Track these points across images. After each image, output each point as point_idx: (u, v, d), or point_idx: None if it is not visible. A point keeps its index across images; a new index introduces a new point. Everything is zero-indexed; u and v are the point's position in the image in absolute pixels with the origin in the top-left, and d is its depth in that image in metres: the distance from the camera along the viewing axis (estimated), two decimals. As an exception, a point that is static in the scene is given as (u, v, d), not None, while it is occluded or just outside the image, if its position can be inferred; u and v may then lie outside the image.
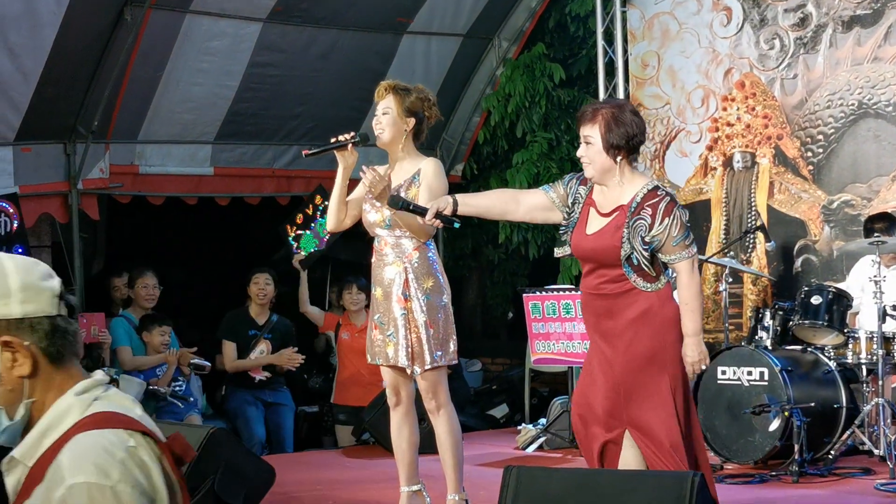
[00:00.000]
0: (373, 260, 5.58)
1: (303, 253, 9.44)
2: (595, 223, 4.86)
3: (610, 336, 4.83)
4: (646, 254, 4.74)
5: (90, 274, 9.89)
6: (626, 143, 4.80)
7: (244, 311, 9.05)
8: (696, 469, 4.70)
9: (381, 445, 7.99)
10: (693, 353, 4.80)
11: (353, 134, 5.47)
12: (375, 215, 5.39)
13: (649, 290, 4.78)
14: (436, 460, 5.60)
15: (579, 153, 4.90)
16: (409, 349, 5.41)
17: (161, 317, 8.65)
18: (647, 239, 4.73)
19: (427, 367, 5.41)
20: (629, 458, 4.80)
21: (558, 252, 5.05)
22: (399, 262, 5.44)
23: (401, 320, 5.41)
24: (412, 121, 5.49)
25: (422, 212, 4.97)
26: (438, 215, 4.87)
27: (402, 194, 5.39)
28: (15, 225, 8.67)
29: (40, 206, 9.26)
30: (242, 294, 9.11)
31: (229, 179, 10.40)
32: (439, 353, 5.43)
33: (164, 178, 10.01)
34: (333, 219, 5.59)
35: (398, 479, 5.67)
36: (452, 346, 5.51)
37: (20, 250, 8.64)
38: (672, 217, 4.73)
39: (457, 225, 5.00)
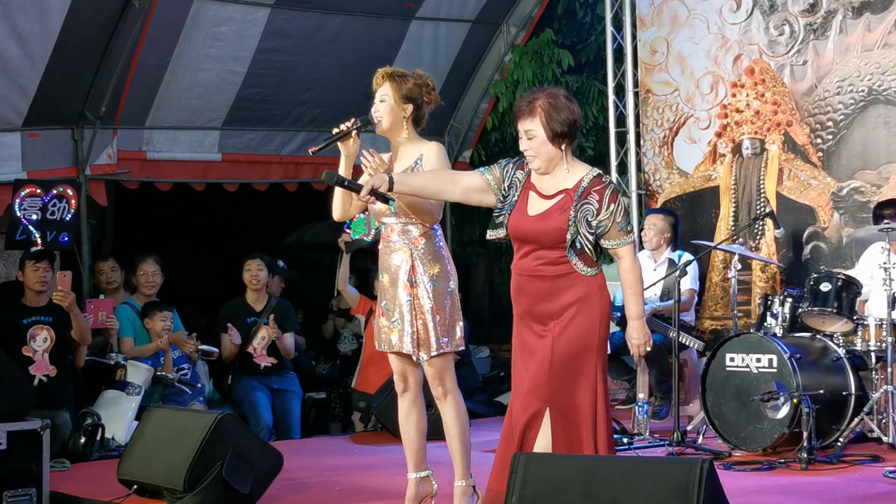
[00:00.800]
0: (380, 247, 5.57)
1: (351, 235, 9.33)
2: (537, 205, 4.93)
3: (545, 317, 4.91)
4: (590, 238, 4.85)
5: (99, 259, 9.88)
6: (570, 130, 4.89)
7: (241, 300, 9.01)
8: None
9: (389, 432, 7.99)
10: (639, 335, 4.98)
11: (353, 120, 5.44)
12: (381, 203, 5.37)
13: (589, 274, 4.90)
14: (444, 447, 5.59)
15: (522, 147, 4.95)
16: (415, 336, 5.40)
17: (162, 303, 8.64)
18: (593, 224, 4.84)
19: (433, 354, 5.40)
20: (542, 443, 4.87)
21: (491, 234, 5.10)
22: (405, 248, 5.42)
23: (406, 306, 5.40)
24: (410, 107, 5.46)
25: (357, 189, 5.01)
26: (374, 192, 4.92)
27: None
28: (70, 214, 8.62)
29: (48, 192, 9.27)
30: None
31: (237, 165, 10.39)
32: (445, 339, 5.41)
33: (172, 163, 10.01)
34: (339, 208, 5.58)
35: (406, 465, 5.67)
36: (459, 333, 5.49)
37: (65, 239, 8.62)
38: (617, 204, 4.86)
39: (392, 202, 5.04)
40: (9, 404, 6.22)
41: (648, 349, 5.02)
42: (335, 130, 5.44)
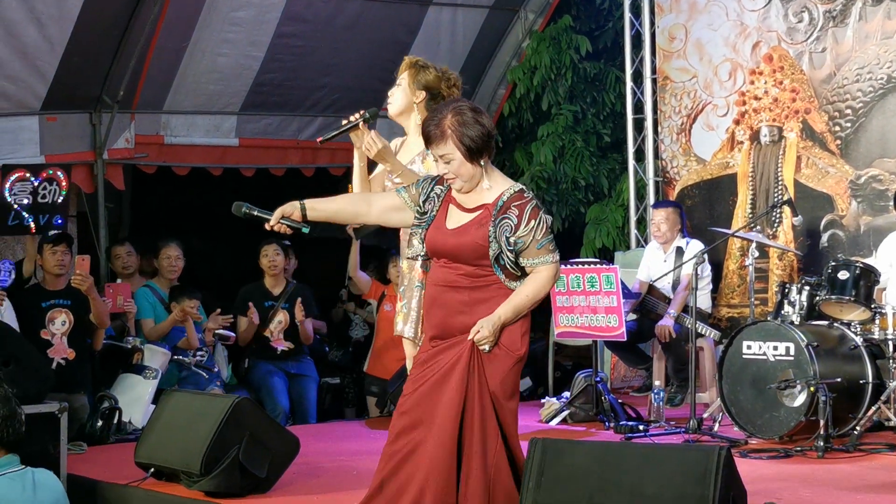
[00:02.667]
0: (401, 232, 5.58)
1: None
2: (456, 218, 4.77)
3: (459, 331, 4.70)
4: (511, 255, 4.67)
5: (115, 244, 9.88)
6: (484, 144, 4.70)
7: (259, 284, 9.03)
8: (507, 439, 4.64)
9: (405, 417, 7.98)
10: (487, 326, 4.62)
11: (362, 112, 5.45)
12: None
13: (511, 287, 4.71)
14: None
15: (441, 171, 4.78)
16: (421, 321, 5.40)
17: (190, 289, 8.62)
18: (511, 240, 4.65)
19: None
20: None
21: (409, 254, 4.99)
22: (427, 234, 5.42)
23: (416, 291, 5.41)
24: (422, 94, 5.47)
25: (267, 218, 4.89)
26: (285, 220, 4.83)
27: (417, 168, 5.37)
28: (62, 196, 8.62)
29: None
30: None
31: (254, 150, 10.42)
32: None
33: (190, 148, 10.04)
34: None
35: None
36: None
37: (59, 222, 8.63)
38: (538, 220, 4.67)
39: (305, 230, 4.91)
40: (27, 387, 6.24)
41: (485, 349, 4.63)
42: (344, 122, 5.47)
